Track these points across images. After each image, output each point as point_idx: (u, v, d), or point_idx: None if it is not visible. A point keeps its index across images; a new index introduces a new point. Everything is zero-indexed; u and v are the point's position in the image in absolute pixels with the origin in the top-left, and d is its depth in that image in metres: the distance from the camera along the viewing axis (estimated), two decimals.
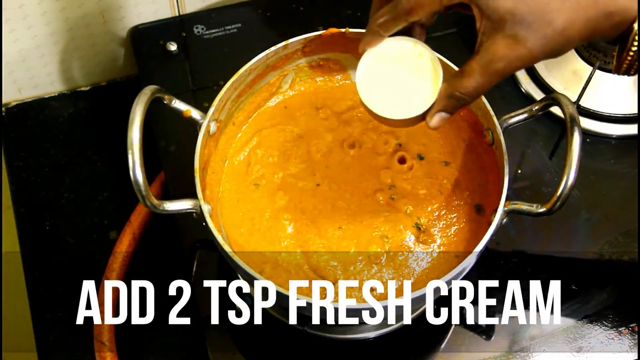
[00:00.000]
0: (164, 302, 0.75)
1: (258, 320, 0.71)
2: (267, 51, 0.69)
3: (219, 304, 0.72)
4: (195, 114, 0.66)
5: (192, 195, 0.62)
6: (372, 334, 0.71)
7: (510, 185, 0.63)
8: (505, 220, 0.63)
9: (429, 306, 0.72)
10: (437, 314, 0.72)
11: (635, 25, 0.47)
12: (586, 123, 0.82)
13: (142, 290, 0.76)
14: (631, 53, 0.48)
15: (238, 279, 0.72)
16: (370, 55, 0.59)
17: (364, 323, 0.70)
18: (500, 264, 0.75)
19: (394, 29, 0.54)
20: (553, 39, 0.47)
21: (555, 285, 0.74)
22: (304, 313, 0.60)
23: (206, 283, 0.71)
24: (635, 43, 0.48)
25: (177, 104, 0.65)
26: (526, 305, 0.73)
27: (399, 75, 0.58)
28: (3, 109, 0.89)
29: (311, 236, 0.67)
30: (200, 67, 0.86)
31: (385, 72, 0.59)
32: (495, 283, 0.74)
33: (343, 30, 0.70)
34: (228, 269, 0.72)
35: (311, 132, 0.73)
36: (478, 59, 0.50)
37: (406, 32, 0.58)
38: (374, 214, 0.68)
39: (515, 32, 0.47)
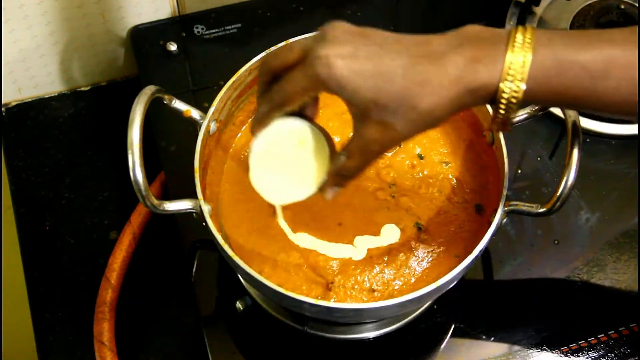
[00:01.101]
0: (164, 302, 0.76)
1: (258, 320, 0.71)
2: (267, 51, 0.69)
3: (219, 304, 0.72)
4: (195, 114, 0.66)
5: (192, 195, 0.62)
6: (372, 334, 0.71)
7: (510, 185, 0.63)
8: (505, 220, 0.63)
9: (429, 306, 0.72)
10: (437, 313, 0.72)
11: (501, 88, 0.48)
12: (586, 123, 0.82)
13: (142, 290, 0.77)
14: (501, 111, 0.50)
15: (238, 278, 0.72)
16: (259, 140, 0.60)
17: (364, 323, 0.70)
18: (500, 264, 0.75)
19: (273, 119, 0.57)
20: (421, 120, 0.50)
21: (555, 286, 0.74)
22: (304, 313, 0.61)
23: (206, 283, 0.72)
24: (502, 106, 0.49)
25: (177, 104, 0.65)
26: (526, 305, 0.73)
27: (288, 157, 0.60)
28: (3, 109, 0.89)
29: (311, 235, 0.67)
30: (200, 67, 0.86)
31: (274, 157, 0.60)
32: (495, 283, 0.75)
33: None
34: (228, 269, 0.72)
35: None
36: (355, 142, 0.53)
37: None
38: (374, 212, 0.68)
39: (382, 118, 0.50)
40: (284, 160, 0.60)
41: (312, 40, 0.51)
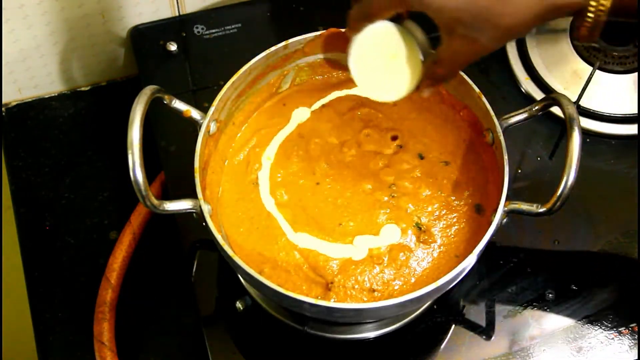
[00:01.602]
0: (164, 302, 0.76)
1: (258, 320, 0.71)
2: (267, 51, 0.69)
3: (219, 304, 0.72)
4: (195, 114, 0.66)
5: (192, 195, 0.62)
6: (372, 334, 0.71)
7: (510, 185, 0.63)
8: (505, 220, 0.63)
9: (429, 306, 0.72)
10: (437, 313, 0.72)
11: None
12: (586, 123, 0.82)
13: (142, 290, 0.77)
14: (589, 20, 0.50)
15: (238, 278, 0.72)
16: (357, 42, 0.63)
17: (364, 323, 0.70)
18: (500, 264, 0.75)
19: (365, 26, 0.60)
20: (504, 36, 0.51)
21: (555, 286, 0.74)
22: (304, 313, 0.61)
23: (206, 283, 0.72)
24: (591, 15, 0.50)
25: (177, 104, 0.65)
26: (526, 306, 0.73)
27: (384, 59, 0.64)
28: (3, 109, 0.89)
29: (311, 235, 0.67)
30: (200, 67, 0.86)
31: (372, 59, 0.64)
32: (495, 283, 0.75)
33: (343, 30, 0.70)
34: (228, 269, 0.72)
35: (311, 132, 0.73)
36: (443, 52, 0.56)
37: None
38: (374, 212, 0.68)
39: (467, 34, 0.52)
40: (381, 60, 0.63)
41: None
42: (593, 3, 0.49)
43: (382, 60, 0.64)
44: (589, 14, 0.49)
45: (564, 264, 0.75)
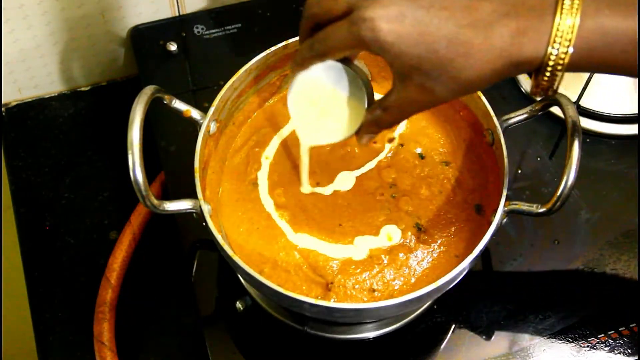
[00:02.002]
0: (164, 302, 0.76)
1: (258, 320, 0.71)
2: (267, 51, 0.69)
3: (219, 304, 0.72)
4: (195, 114, 0.66)
5: (192, 195, 0.62)
6: (372, 334, 0.71)
7: (510, 185, 0.63)
8: (505, 220, 0.63)
9: (429, 306, 0.72)
10: (437, 313, 0.72)
11: (547, 53, 0.48)
12: (586, 123, 0.82)
13: (142, 290, 0.77)
14: (545, 78, 0.50)
15: (238, 278, 0.72)
16: (300, 79, 0.60)
17: (364, 323, 0.70)
18: (500, 264, 0.75)
19: (313, 65, 0.57)
20: (461, 89, 0.50)
21: (554, 286, 0.74)
22: (304, 313, 0.61)
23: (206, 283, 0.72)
24: (547, 73, 0.50)
25: (177, 104, 0.65)
26: (526, 305, 0.73)
27: (326, 99, 0.60)
28: (3, 109, 0.89)
29: (311, 236, 0.67)
30: (200, 67, 0.86)
31: (313, 97, 0.61)
32: (495, 283, 0.75)
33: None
34: (228, 269, 0.72)
35: None
36: (393, 99, 0.54)
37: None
38: (374, 213, 0.68)
39: (422, 82, 0.50)
40: (321, 101, 0.60)
41: None
42: (551, 59, 0.48)
43: (324, 101, 0.61)
44: (547, 71, 0.49)
45: (563, 264, 0.75)
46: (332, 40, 0.52)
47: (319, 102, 0.60)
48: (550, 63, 0.49)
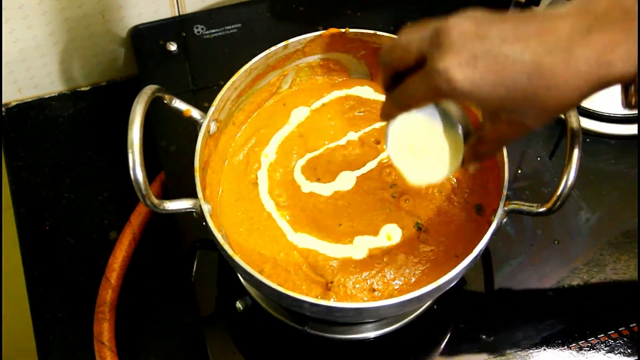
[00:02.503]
0: (164, 302, 0.76)
1: (258, 320, 0.71)
2: (267, 51, 0.69)
3: (219, 304, 0.72)
4: (195, 113, 0.66)
5: (192, 195, 0.62)
6: (372, 334, 0.71)
7: (510, 185, 0.63)
8: (505, 220, 0.63)
9: (429, 306, 0.72)
10: (437, 314, 0.72)
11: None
12: (586, 123, 0.82)
13: (142, 290, 0.77)
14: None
15: (238, 278, 0.72)
16: (393, 126, 0.59)
17: (364, 323, 0.70)
18: (500, 264, 0.75)
19: (401, 114, 0.56)
20: (550, 116, 0.48)
21: (554, 286, 0.74)
22: (304, 312, 0.61)
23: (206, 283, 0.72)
24: None
25: (177, 104, 0.65)
26: (526, 305, 0.73)
27: (423, 140, 0.60)
28: (3, 109, 0.89)
29: (311, 236, 0.67)
30: (200, 67, 0.86)
31: (410, 141, 0.60)
32: (495, 283, 0.75)
33: (343, 30, 0.70)
34: (228, 269, 0.72)
35: (311, 131, 0.73)
36: (488, 133, 0.54)
37: None
38: (374, 212, 0.68)
39: (512, 118, 0.50)
40: (419, 142, 0.60)
41: (428, 44, 0.48)
42: None
43: (422, 142, 0.60)
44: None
45: (564, 264, 0.75)
46: (412, 94, 0.50)
47: (417, 143, 0.60)
48: None
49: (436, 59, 0.46)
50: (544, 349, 0.70)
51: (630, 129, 0.82)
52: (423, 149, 0.60)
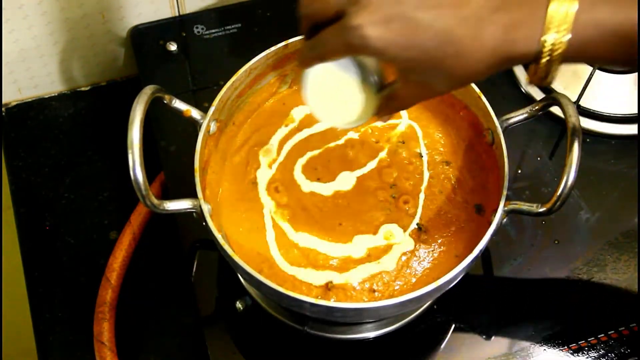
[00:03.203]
0: (164, 302, 0.76)
1: (258, 320, 0.71)
2: (267, 51, 0.69)
3: (219, 304, 0.72)
4: (195, 113, 0.66)
5: (192, 195, 0.62)
6: (372, 334, 0.71)
7: (510, 185, 0.63)
8: (505, 220, 0.63)
9: (429, 306, 0.72)
10: (437, 313, 0.72)
11: (542, 41, 0.48)
12: (586, 123, 0.82)
13: (142, 290, 0.77)
14: (541, 67, 0.50)
15: (238, 278, 0.72)
16: (310, 74, 0.60)
17: (364, 323, 0.70)
18: (500, 264, 0.75)
19: (316, 64, 0.57)
20: (458, 83, 0.51)
21: (555, 285, 0.74)
22: (304, 313, 0.61)
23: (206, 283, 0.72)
24: (543, 61, 0.49)
25: (177, 104, 0.65)
26: (526, 305, 0.73)
27: (339, 89, 0.61)
28: (3, 109, 0.89)
29: (311, 235, 0.67)
30: (200, 67, 0.86)
31: (327, 89, 0.61)
32: (495, 283, 0.75)
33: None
34: (228, 269, 0.72)
35: (311, 131, 0.73)
36: (398, 88, 0.55)
37: None
38: (374, 212, 0.68)
39: (420, 80, 0.51)
40: (334, 90, 0.61)
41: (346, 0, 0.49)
42: (545, 48, 0.48)
43: (336, 89, 0.61)
44: (542, 62, 0.49)
45: (563, 264, 0.75)
46: (327, 46, 0.52)
47: (332, 90, 0.61)
48: (545, 52, 0.48)
49: (352, 15, 0.48)
50: (544, 349, 0.70)
51: (630, 129, 0.82)
52: (337, 95, 0.61)
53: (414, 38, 0.48)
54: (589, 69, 0.82)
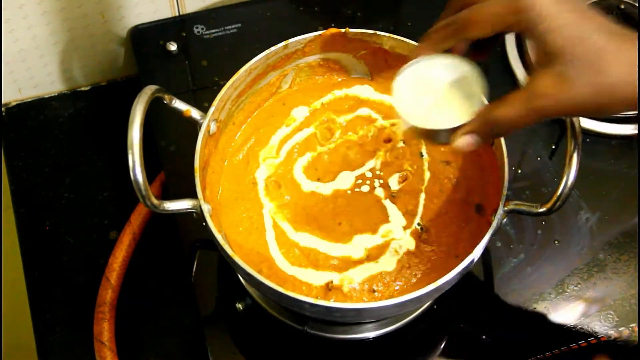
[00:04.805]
0: (164, 302, 0.76)
1: (258, 320, 0.71)
2: (267, 51, 0.69)
3: (219, 304, 0.72)
4: (195, 113, 0.66)
5: (192, 195, 0.62)
6: (372, 334, 0.71)
7: (510, 185, 0.63)
8: (505, 220, 0.63)
9: (429, 306, 0.72)
10: (437, 313, 0.72)
11: None
12: (586, 123, 0.82)
13: (142, 290, 0.77)
14: None
15: (238, 278, 0.72)
16: (415, 63, 0.57)
17: (364, 323, 0.70)
18: (500, 264, 0.75)
19: (446, 45, 0.53)
20: (602, 90, 0.45)
21: (555, 285, 0.74)
22: (304, 313, 0.60)
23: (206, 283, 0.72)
24: None
25: (177, 104, 0.65)
26: (526, 305, 0.73)
27: (439, 88, 0.57)
28: (3, 109, 0.89)
29: (311, 235, 0.67)
30: (200, 67, 0.86)
31: (425, 83, 0.57)
32: (495, 283, 0.75)
33: (343, 30, 0.70)
34: (228, 269, 0.72)
35: (311, 131, 0.73)
36: (522, 90, 0.48)
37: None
38: (374, 212, 0.68)
39: (564, 70, 0.46)
40: (432, 89, 0.57)
41: None
42: None
43: (434, 91, 0.57)
44: None
45: (563, 264, 0.75)
46: (483, 8, 0.47)
47: (428, 89, 0.57)
48: None
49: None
50: (544, 349, 0.70)
51: (630, 129, 0.82)
52: (432, 96, 0.57)
53: (582, 18, 0.45)
54: None
